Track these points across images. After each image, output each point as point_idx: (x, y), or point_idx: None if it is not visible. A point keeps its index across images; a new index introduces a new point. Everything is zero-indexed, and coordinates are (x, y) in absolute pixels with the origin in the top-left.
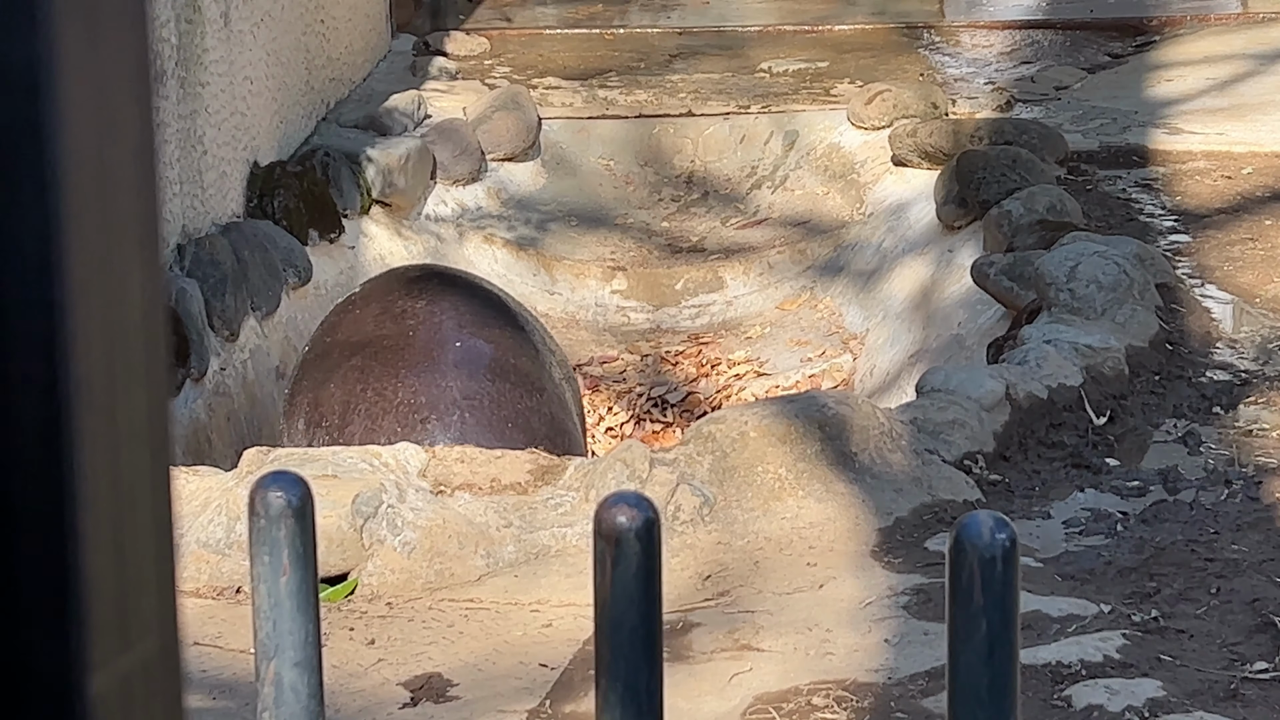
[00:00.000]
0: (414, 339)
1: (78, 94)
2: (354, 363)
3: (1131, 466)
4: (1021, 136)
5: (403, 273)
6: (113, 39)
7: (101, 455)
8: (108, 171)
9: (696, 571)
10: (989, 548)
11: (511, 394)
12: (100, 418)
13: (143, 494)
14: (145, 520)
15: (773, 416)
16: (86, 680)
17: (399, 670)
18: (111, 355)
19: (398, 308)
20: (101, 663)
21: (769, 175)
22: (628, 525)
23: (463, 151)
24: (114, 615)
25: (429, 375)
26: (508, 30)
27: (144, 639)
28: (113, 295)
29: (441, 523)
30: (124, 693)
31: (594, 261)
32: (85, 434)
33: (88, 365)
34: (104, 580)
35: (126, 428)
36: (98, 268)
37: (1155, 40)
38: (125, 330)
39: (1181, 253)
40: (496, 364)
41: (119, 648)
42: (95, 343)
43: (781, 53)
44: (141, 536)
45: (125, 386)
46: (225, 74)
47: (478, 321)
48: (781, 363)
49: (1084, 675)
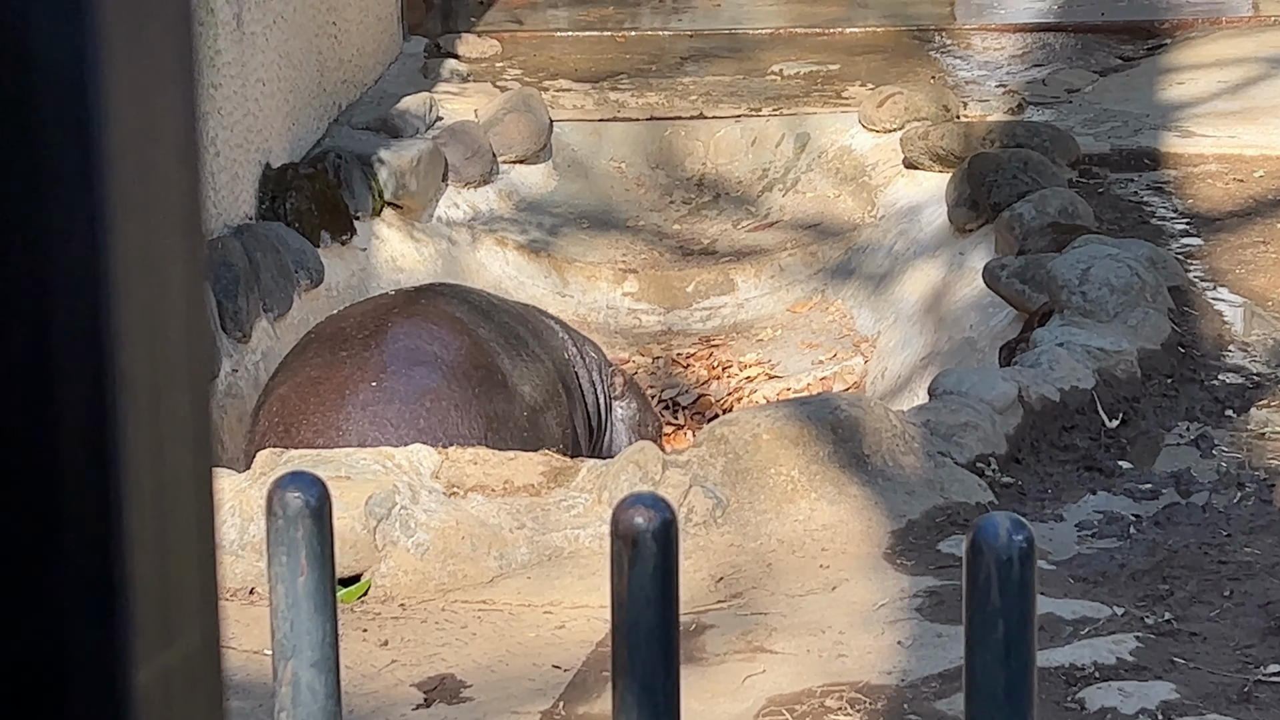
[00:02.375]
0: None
1: (122, 91)
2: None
3: (1144, 469)
4: (1033, 139)
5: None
6: (157, 36)
7: (145, 452)
8: (151, 168)
9: (709, 573)
10: (1006, 549)
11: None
12: (144, 414)
13: (185, 491)
14: (188, 517)
15: (785, 419)
16: (131, 673)
17: (412, 671)
18: (154, 352)
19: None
20: (145, 657)
21: (780, 178)
22: (645, 526)
23: (474, 154)
24: (157, 610)
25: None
26: (519, 32)
27: (186, 634)
28: (155, 292)
29: (454, 524)
30: (166, 686)
31: (605, 264)
32: (130, 430)
33: (131, 362)
34: (148, 576)
35: (169, 425)
36: (141, 264)
37: (1167, 43)
38: (168, 327)
39: (1193, 256)
40: (449, 364)
41: (162, 642)
42: (138, 339)
43: (793, 55)
44: (184, 533)
45: (168, 383)
46: (238, 76)
47: (454, 329)
48: (793, 365)
49: (1097, 678)
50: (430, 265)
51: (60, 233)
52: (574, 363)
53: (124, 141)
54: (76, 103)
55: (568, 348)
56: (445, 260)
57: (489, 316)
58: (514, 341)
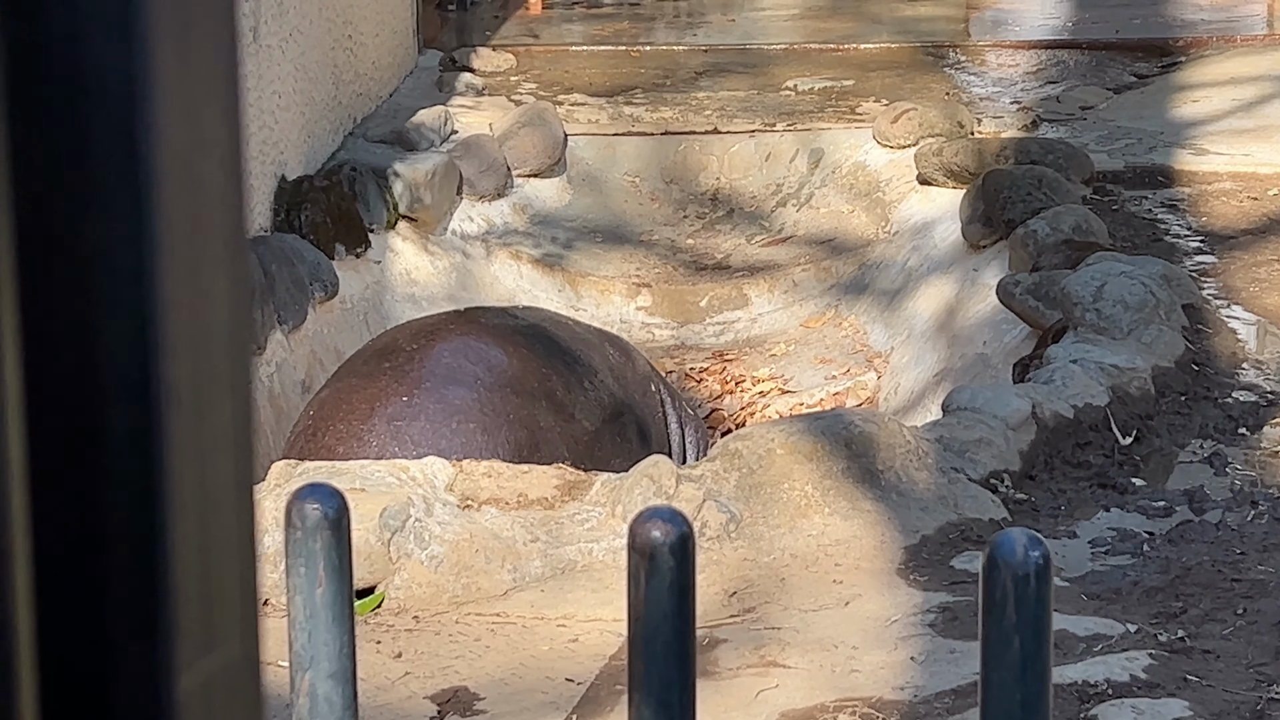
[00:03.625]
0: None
1: (170, 106)
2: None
3: (1157, 487)
4: (1047, 156)
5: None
6: (203, 52)
7: (189, 462)
8: (197, 182)
9: (723, 588)
10: (1022, 565)
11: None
12: (188, 425)
13: (228, 501)
14: (230, 526)
15: (799, 434)
16: (173, 681)
17: (426, 684)
18: (199, 364)
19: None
20: (187, 664)
21: (794, 193)
22: (662, 540)
23: (489, 167)
24: (199, 618)
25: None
26: (534, 47)
27: (227, 642)
28: (202, 305)
29: (468, 537)
30: (207, 694)
31: (619, 278)
32: (175, 441)
33: (177, 373)
34: (190, 584)
35: (213, 435)
36: (188, 278)
37: (1181, 61)
38: (214, 339)
39: (1207, 273)
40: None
41: (204, 650)
42: (185, 352)
43: (807, 71)
44: (226, 542)
45: (212, 395)
46: (254, 88)
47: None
48: (805, 380)
49: (1110, 695)
50: (444, 278)
51: (108, 246)
52: (654, 400)
53: (172, 157)
54: (126, 121)
55: (649, 383)
56: (459, 273)
57: (553, 340)
58: (577, 368)
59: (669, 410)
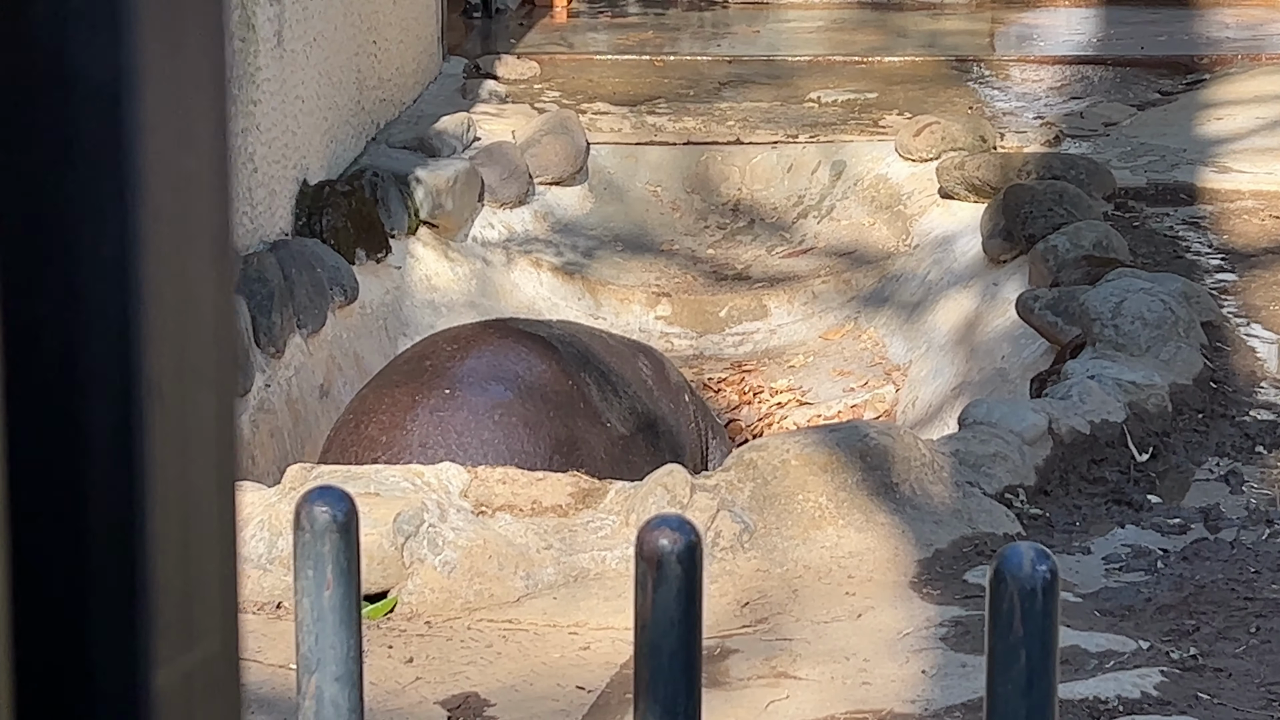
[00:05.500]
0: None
1: (157, 105)
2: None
3: (1173, 504)
4: (1069, 172)
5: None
6: (192, 51)
7: (171, 458)
8: (184, 181)
9: (735, 598)
10: (1030, 579)
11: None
12: (170, 421)
13: (209, 496)
14: (211, 522)
15: (814, 445)
16: (151, 676)
17: (436, 689)
18: (183, 361)
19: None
20: (165, 660)
21: (815, 205)
22: (669, 548)
23: (510, 174)
24: (178, 614)
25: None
26: (558, 55)
27: (206, 638)
28: (186, 302)
29: (482, 543)
30: (186, 690)
31: (639, 287)
32: (156, 437)
33: (160, 370)
34: (170, 579)
35: (195, 432)
36: (172, 275)
37: (1206, 78)
38: (197, 337)
39: (1228, 291)
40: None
41: (182, 646)
42: (168, 348)
43: (831, 83)
44: (207, 538)
45: (195, 392)
46: (277, 93)
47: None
48: (824, 392)
49: (1121, 711)
50: (465, 285)
51: (92, 241)
52: (686, 411)
53: (158, 153)
54: (112, 116)
55: (682, 394)
56: (480, 280)
57: (587, 349)
58: (611, 377)
59: (700, 421)
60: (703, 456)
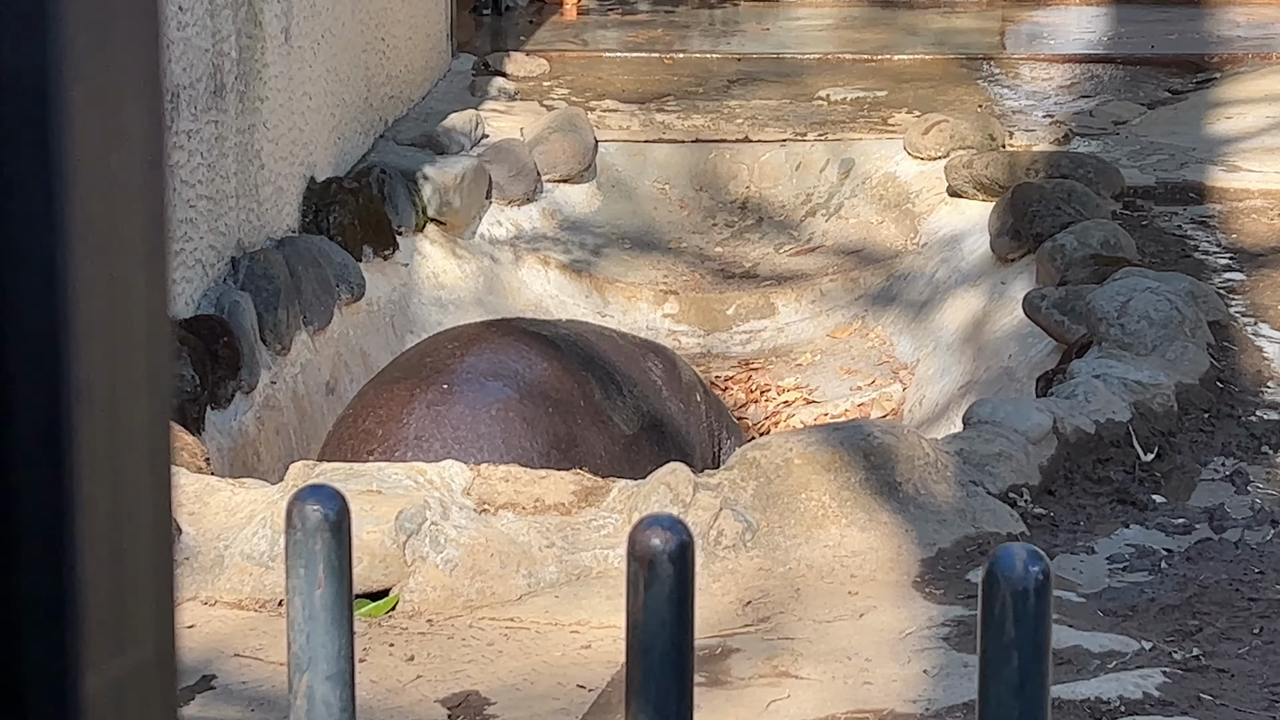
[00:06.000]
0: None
1: (86, 101)
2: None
3: (1178, 504)
4: (1078, 170)
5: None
6: (124, 48)
7: (101, 459)
8: (115, 177)
9: (737, 597)
10: (1022, 580)
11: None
12: (101, 422)
13: (142, 500)
14: (144, 526)
15: (818, 444)
16: (79, 681)
17: (437, 687)
18: (114, 361)
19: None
20: (95, 665)
21: (824, 203)
22: (661, 548)
23: (519, 172)
24: (109, 618)
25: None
26: (568, 53)
27: (139, 644)
28: (117, 301)
29: (484, 541)
30: (117, 696)
31: (646, 285)
32: (85, 438)
33: (89, 370)
34: (100, 583)
35: (127, 433)
36: (102, 273)
37: (1216, 77)
38: (128, 336)
39: (1235, 291)
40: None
41: (113, 651)
42: (97, 348)
43: (840, 81)
44: (140, 542)
45: (127, 392)
46: (284, 89)
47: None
48: (831, 391)
49: (1123, 712)
50: (472, 282)
51: (17, 240)
52: (697, 411)
53: (87, 151)
54: (37, 113)
55: (694, 394)
56: (487, 278)
57: (593, 349)
58: (616, 377)
59: (713, 422)
60: (714, 456)
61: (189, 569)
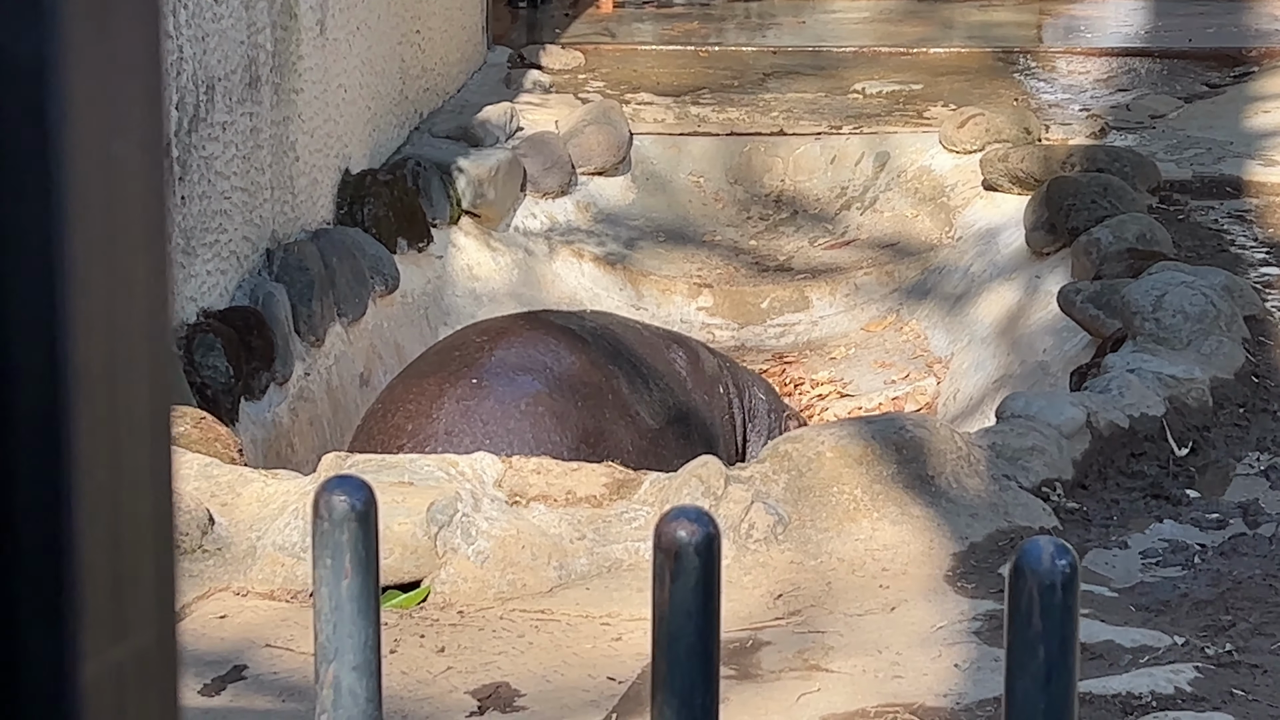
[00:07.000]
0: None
1: (85, 86)
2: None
3: (1212, 499)
4: (1114, 164)
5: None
6: (124, 33)
7: (100, 446)
8: (114, 163)
9: (768, 590)
10: (1049, 574)
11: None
12: (100, 409)
13: (143, 487)
14: (144, 513)
15: (850, 437)
16: (79, 668)
17: (468, 678)
18: (113, 347)
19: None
20: (94, 652)
21: (859, 196)
22: (687, 540)
23: (553, 164)
24: (109, 605)
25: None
26: (603, 45)
27: (140, 630)
28: (116, 288)
29: (515, 533)
30: (117, 683)
31: (681, 278)
32: (84, 424)
33: (88, 356)
34: (99, 570)
35: (127, 419)
36: (101, 259)
37: (1254, 71)
38: (128, 322)
39: (1272, 286)
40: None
41: (113, 638)
42: (96, 334)
43: (876, 74)
44: (140, 529)
45: (127, 379)
46: (319, 81)
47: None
48: (865, 384)
49: (1155, 707)
50: (506, 275)
51: (18, 224)
52: (721, 402)
53: (86, 138)
54: (36, 96)
55: (725, 385)
56: (521, 270)
57: (619, 341)
58: (642, 369)
59: (735, 410)
60: (738, 448)
61: (221, 559)
